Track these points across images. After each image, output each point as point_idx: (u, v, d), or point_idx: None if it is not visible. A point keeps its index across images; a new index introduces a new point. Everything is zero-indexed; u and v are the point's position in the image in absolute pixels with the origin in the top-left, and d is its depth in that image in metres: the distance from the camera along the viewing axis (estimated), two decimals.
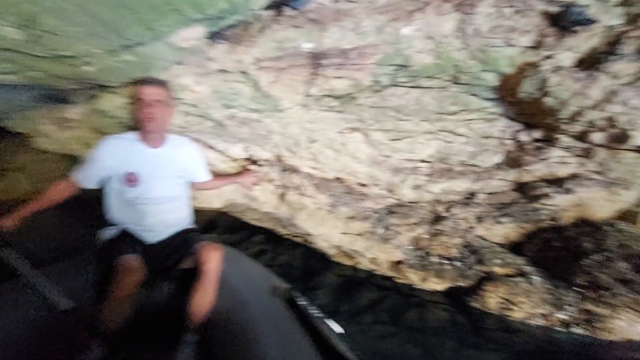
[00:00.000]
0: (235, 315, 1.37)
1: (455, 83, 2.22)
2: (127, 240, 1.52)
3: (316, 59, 1.98)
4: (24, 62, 1.37)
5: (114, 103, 1.73)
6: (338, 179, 2.23)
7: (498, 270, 2.11)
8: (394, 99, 2.21)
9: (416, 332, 2.07)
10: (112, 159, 1.51)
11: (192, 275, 1.54)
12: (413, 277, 2.12)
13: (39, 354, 1.25)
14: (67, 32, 1.23)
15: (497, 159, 2.32)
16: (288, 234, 2.94)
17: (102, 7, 1.18)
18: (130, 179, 1.54)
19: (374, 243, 2.13)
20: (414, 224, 2.15)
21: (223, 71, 1.77)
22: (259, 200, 2.12)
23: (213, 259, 1.40)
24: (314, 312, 1.30)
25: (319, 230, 2.19)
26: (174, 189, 1.65)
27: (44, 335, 1.28)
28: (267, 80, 1.84)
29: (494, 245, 2.28)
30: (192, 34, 1.62)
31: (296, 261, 2.94)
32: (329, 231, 2.17)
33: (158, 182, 1.59)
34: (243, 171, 2.00)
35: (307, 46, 1.96)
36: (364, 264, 2.30)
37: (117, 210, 1.60)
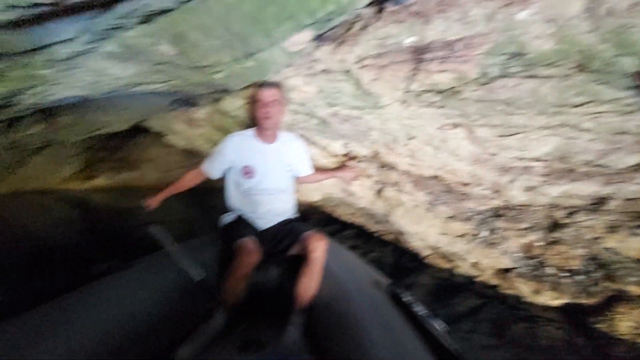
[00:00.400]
0: (338, 303, 1.44)
1: (582, 71, 1.93)
2: (244, 225, 1.73)
3: (418, 54, 1.93)
4: (171, 73, 1.66)
5: (235, 104, 1.97)
6: (436, 177, 2.15)
7: (634, 289, 1.78)
8: (503, 92, 2.03)
9: (523, 349, 1.88)
10: (234, 153, 1.73)
11: (299, 261, 1.68)
12: (522, 288, 1.92)
13: (173, 318, 1.50)
14: (206, 45, 1.45)
15: (634, 159, 1.94)
16: (379, 231, 2.94)
17: (235, 20, 1.35)
18: (247, 172, 1.74)
19: (476, 246, 2.00)
20: (526, 229, 1.94)
21: (327, 71, 1.86)
22: (356, 195, 2.17)
23: (319, 248, 1.50)
24: (420, 309, 1.29)
25: (414, 228, 2.15)
26: (283, 181, 1.81)
27: (179, 301, 1.53)
28: (369, 78, 1.87)
29: (628, 260, 1.92)
30: (302, 38, 1.74)
31: (387, 259, 2.92)
32: (426, 230, 2.11)
33: (270, 175, 1.76)
34: (343, 166, 2.08)
35: (409, 41, 1.92)
36: (463, 269, 2.18)
37: (234, 198, 1.82)
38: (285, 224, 1.79)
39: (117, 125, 3.00)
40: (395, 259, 2.81)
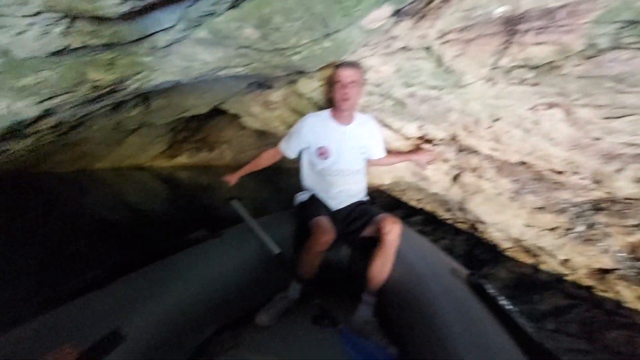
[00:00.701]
0: (412, 289, 1.42)
1: None
2: (318, 204, 1.77)
3: (511, 25, 1.73)
4: (253, 56, 1.72)
5: (310, 86, 1.99)
6: (524, 163, 1.95)
7: None
8: (614, 66, 1.74)
9: (620, 357, 1.67)
10: (310, 133, 1.76)
11: (371, 243, 1.68)
12: (625, 293, 1.69)
13: (253, 285, 1.62)
14: (287, 27, 1.47)
15: None
16: (450, 219, 2.79)
17: (316, 1, 1.34)
18: (322, 152, 1.76)
19: (569, 242, 1.79)
20: (634, 226, 1.68)
21: (406, 49, 1.77)
22: (430, 179, 2.08)
23: (393, 231, 1.48)
24: (505, 302, 1.21)
25: (495, 218, 1.99)
26: (357, 163, 1.80)
27: (259, 271, 1.63)
28: (452, 54, 1.73)
29: None
30: (381, 15, 1.67)
31: (458, 248, 2.78)
32: (509, 221, 1.94)
33: (345, 156, 1.77)
34: (418, 149, 2.00)
35: (500, 11, 1.73)
36: (551, 265, 1.97)
37: (309, 178, 1.87)
38: (357, 205, 1.80)
39: (200, 108, 3.25)
40: (468, 249, 2.65)
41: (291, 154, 1.86)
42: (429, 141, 2.02)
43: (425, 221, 3.31)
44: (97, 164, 5.22)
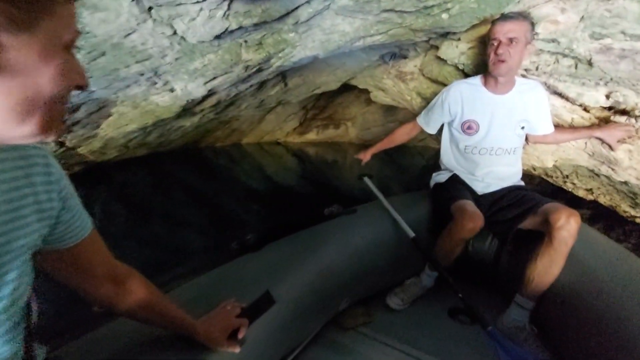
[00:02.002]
0: (589, 298, 1.12)
1: None
2: (461, 186, 1.56)
3: None
4: (394, 20, 1.58)
5: (456, 50, 1.73)
6: None
7: None
8: None
9: None
10: (455, 104, 1.53)
11: (530, 236, 1.39)
12: None
13: (386, 264, 1.55)
14: None
15: None
16: (636, 216, 2.13)
17: None
18: (469, 127, 1.52)
19: None
20: None
21: None
22: (620, 164, 1.58)
23: (569, 225, 1.17)
24: None
25: None
26: (512, 140, 1.50)
27: (393, 250, 1.55)
28: None
29: None
30: None
31: None
32: None
33: (497, 132, 1.48)
34: (604, 124, 1.52)
35: None
36: None
37: (450, 156, 1.65)
38: (512, 190, 1.50)
39: (331, 85, 3.30)
40: None
41: (431, 129, 1.67)
42: (624, 112, 1.51)
43: (595, 217, 2.64)
44: (244, 139, 6.02)
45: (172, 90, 1.86)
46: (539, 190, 3.03)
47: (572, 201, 2.59)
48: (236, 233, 3.21)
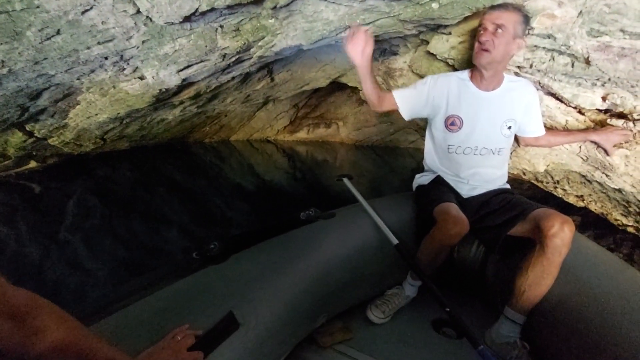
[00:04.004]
0: (585, 313, 1.03)
1: None
2: (445, 188, 1.45)
3: None
4: (381, 10, 1.47)
5: (446, 44, 1.63)
6: None
7: None
8: None
9: None
10: (440, 98, 1.41)
11: (516, 244, 1.29)
12: None
13: (366, 273, 1.42)
14: None
15: None
16: (632, 226, 2.05)
17: None
18: (452, 123, 1.41)
19: None
20: None
21: None
22: (616, 170, 1.49)
23: (563, 234, 1.07)
24: None
25: None
26: (497, 140, 1.39)
27: (373, 258, 1.44)
28: None
29: None
30: None
31: None
32: None
33: (481, 131, 1.38)
34: (600, 127, 1.43)
35: None
36: None
37: (433, 156, 1.54)
38: (499, 194, 1.40)
39: (320, 81, 3.19)
40: None
41: (405, 112, 1.47)
42: (620, 116, 1.42)
43: (585, 224, 2.57)
44: (234, 136, 5.88)
45: (142, 77, 1.73)
46: (527, 196, 2.97)
47: (563, 206, 2.52)
48: (219, 233, 3.09)
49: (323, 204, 1.64)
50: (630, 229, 2.06)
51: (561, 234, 1.07)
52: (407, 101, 1.45)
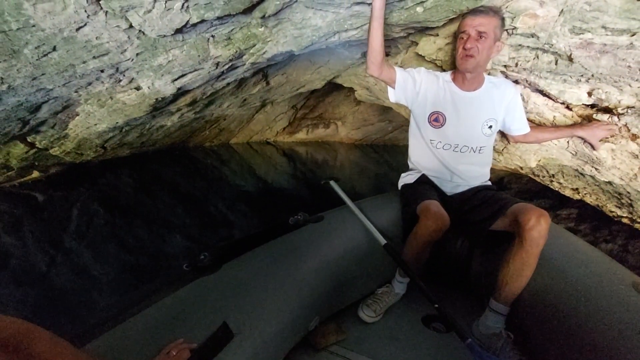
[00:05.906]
0: (564, 301, 1.08)
1: None
2: (428, 186, 1.50)
3: None
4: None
5: (433, 46, 1.66)
6: None
7: None
8: None
9: None
10: (427, 89, 1.46)
11: (498, 238, 1.33)
12: None
13: (356, 274, 1.45)
14: None
15: None
16: (626, 217, 2.07)
17: None
18: (436, 119, 1.46)
19: None
20: None
21: None
22: (604, 164, 1.52)
23: (539, 226, 1.11)
24: None
25: None
26: (479, 139, 1.44)
27: (363, 259, 1.46)
28: None
29: None
30: None
31: (633, 255, 2.08)
32: None
33: (463, 129, 1.42)
34: (587, 122, 1.46)
35: None
36: None
37: (417, 154, 1.58)
38: (480, 190, 1.45)
39: (316, 83, 3.22)
40: None
41: (398, 92, 1.48)
42: (606, 110, 1.45)
43: (582, 216, 2.60)
44: (233, 139, 5.93)
45: (138, 88, 1.77)
46: (525, 189, 2.99)
47: (560, 199, 2.55)
48: (221, 236, 3.13)
49: (323, 204, 1.68)
50: (625, 220, 2.09)
51: (538, 226, 1.11)
52: (403, 83, 1.48)
